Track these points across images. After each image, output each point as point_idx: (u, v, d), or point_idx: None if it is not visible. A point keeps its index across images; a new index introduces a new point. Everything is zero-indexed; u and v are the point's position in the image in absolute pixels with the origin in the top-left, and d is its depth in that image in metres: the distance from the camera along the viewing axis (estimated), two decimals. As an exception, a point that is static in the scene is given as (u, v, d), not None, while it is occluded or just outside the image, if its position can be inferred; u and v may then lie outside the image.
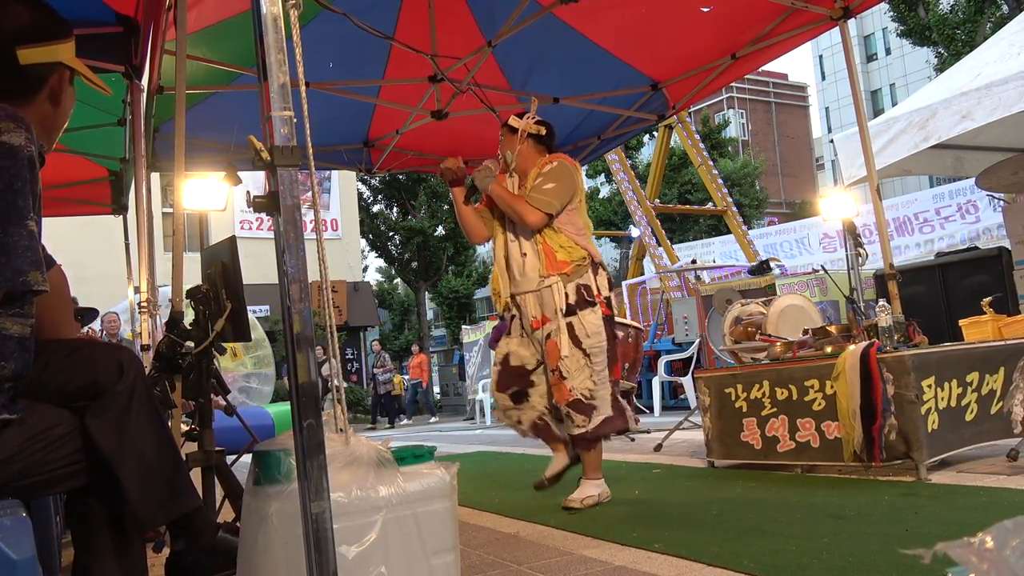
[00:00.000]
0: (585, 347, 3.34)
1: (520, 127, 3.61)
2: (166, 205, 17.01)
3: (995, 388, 3.73)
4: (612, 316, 3.48)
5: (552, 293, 3.39)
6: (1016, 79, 5.00)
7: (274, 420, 8.21)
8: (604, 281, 3.47)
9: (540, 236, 3.43)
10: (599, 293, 3.42)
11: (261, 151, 1.32)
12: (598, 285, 3.43)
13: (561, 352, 3.35)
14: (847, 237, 4.77)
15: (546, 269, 3.41)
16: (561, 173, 3.45)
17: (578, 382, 3.34)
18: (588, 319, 3.36)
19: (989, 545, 0.73)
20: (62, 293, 1.82)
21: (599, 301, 3.40)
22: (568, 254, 3.40)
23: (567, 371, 3.34)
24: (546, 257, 3.41)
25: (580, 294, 3.38)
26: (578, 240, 3.44)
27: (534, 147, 3.62)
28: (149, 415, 1.58)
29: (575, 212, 3.49)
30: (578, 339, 3.35)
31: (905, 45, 29.44)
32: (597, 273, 3.45)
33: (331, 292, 1.51)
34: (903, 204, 12.99)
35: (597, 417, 3.36)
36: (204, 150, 5.62)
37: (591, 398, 3.35)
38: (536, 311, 3.45)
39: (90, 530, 1.55)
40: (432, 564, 1.56)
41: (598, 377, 3.37)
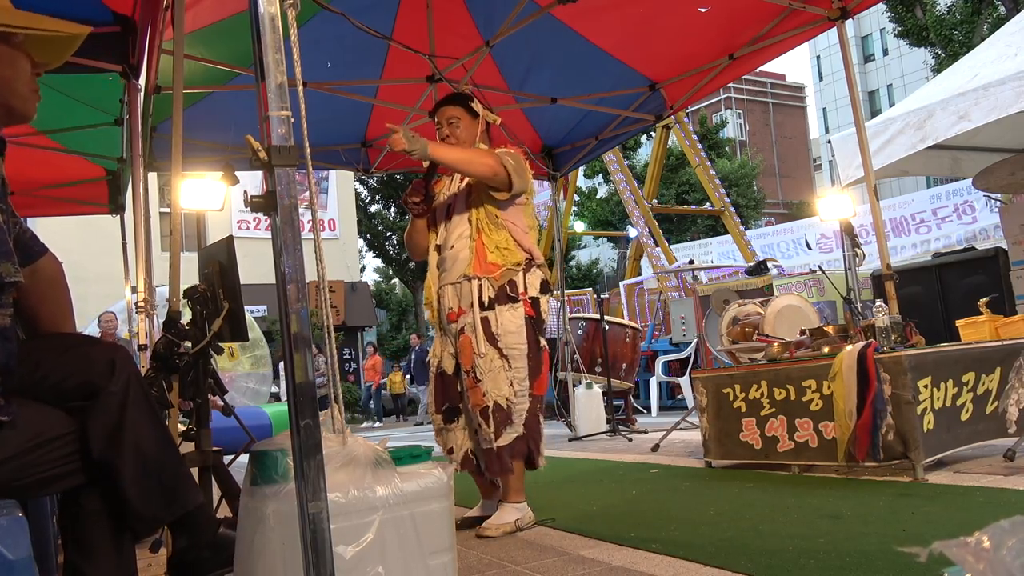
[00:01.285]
0: (501, 347, 2.99)
1: (481, 113, 3.24)
2: (163, 205, 16.99)
3: (991, 388, 3.74)
4: (537, 319, 3.08)
5: (471, 286, 3.06)
6: (1013, 80, 5.01)
7: (271, 420, 8.21)
8: (535, 280, 3.10)
9: (477, 232, 3.09)
10: (525, 291, 3.06)
11: (258, 151, 1.32)
12: (526, 283, 3.07)
13: (476, 349, 3.00)
14: (844, 237, 4.77)
15: (472, 269, 3.07)
16: (520, 160, 3.11)
17: (493, 387, 2.97)
18: (505, 316, 3.01)
19: (986, 545, 0.74)
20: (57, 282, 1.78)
21: (523, 299, 3.05)
22: (502, 256, 3.05)
23: (481, 373, 2.98)
24: (476, 257, 3.07)
25: (501, 289, 3.04)
26: (521, 240, 3.11)
27: (485, 137, 3.29)
28: (146, 414, 1.57)
29: (523, 208, 3.17)
30: (494, 337, 2.99)
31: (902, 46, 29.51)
32: (529, 270, 3.10)
33: (328, 292, 1.51)
34: (900, 204, 13.02)
35: (509, 433, 2.98)
36: (201, 150, 5.62)
37: (507, 409, 2.97)
38: (453, 303, 3.12)
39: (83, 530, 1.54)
40: (429, 564, 1.56)
41: (519, 387, 2.99)
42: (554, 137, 6.69)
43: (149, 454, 1.55)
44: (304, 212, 1.40)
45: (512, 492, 3.07)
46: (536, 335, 3.08)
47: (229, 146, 5.38)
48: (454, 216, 3.18)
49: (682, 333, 9.59)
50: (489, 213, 3.10)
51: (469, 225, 3.12)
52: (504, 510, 3.05)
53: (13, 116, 1.61)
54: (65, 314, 1.79)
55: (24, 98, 1.59)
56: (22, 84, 1.57)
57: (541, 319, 3.10)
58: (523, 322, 3.04)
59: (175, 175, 3.33)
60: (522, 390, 3.01)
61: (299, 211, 1.34)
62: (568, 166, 7.03)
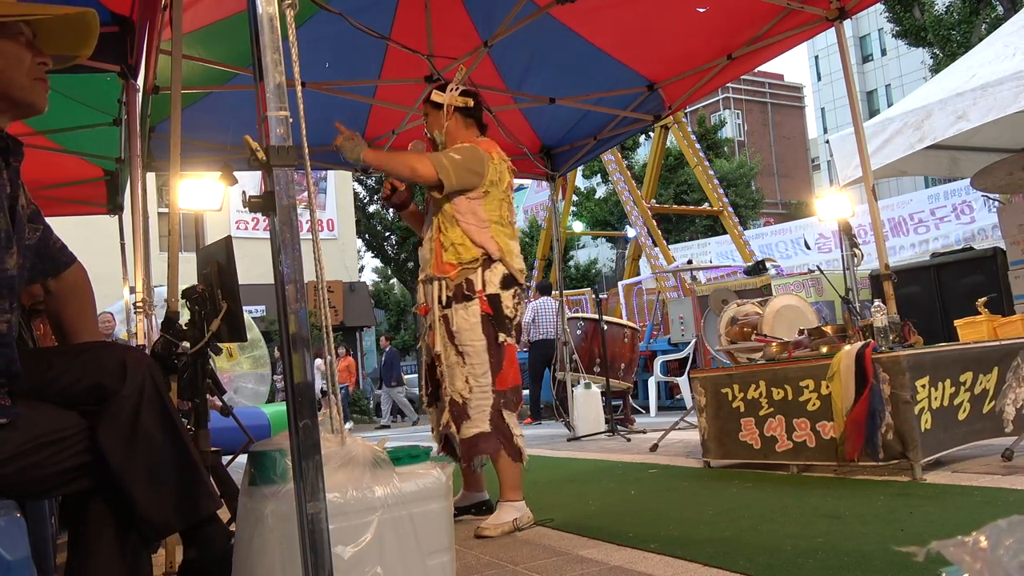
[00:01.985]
0: (457, 343, 3.06)
1: (445, 101, 3.26)
2: (162, 205, 16.98)
3: (988, 388, 3.75)
4: (496, 316, 3.09)
5: (434, 287, 3.15)
6: (1011, 80, 5.01)
7: (270, 420, 8.19)
8: (495, 276, 3.10)
9: (437, 232, 3.15)
10: (483, 288, 3.08)
11: (257, 151, 1.32)
12: (484, 280, 3.08)
13: (435, 347, 3.11)
14: (843, 237, 4.78)
15: (432, 269, 3.16)
16: (470, 154, 3.12)
17: (450, 383, 3.08)
18: (460, 314, 3.06)
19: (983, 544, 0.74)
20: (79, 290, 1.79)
21: (479, 297, 3.07)
22: (456, 255, 3.09)
23: (442, 368, 3.11)
24: (434, 257, 3.15)
25: (458, 287, 3.09)
26: (476, 236, 3.10)
27: (462, 122, 3.29)
28: (160, 417, 1.54)
29: (479, 202, 3.13)
30: (452, 334, 3.07)
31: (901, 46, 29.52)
32: (488, 267, 3.10)
33: (327, 292, 1.51)
34: (898, 204, 13.03)
35: (469, 428, 3.04)
36: (200, 150, 5.61)
37: (463, 405, 3.05)
38: (422, 298, 3.24)
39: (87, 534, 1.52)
40: (428, 564, 1.56)
41: (475, 383, 3.04)
42: (553, 137, 6.69)
43: (162, 458, 1.53)
44: (302, 212, 1.40)
45: (507, 490, 3.08)
46: (495, 331, 3.09)
47: (228, 146, 5.38)
48: (428, 214, 3.26)
49: (680, 333, 9.59)
50: (445, 212, 3.14)
51: (433, 226, 3.19)
52: (502, 509, 3.06)
53: (18, 106, 1.60)
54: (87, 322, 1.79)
55: (23, 87, 1.57)
56: (19, 73, 1.56)
57: (502, 315, 3.10)
58: (478, 320, 3.06)
59: (173, 175, 3.33)
60: (479, 386, 3.05)
61: (297, 211, 1.34)
62: (567, 166, 7.03)
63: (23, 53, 1.57)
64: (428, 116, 3.35)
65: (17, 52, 1.56)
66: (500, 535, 2.94)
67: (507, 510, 3.05)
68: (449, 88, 3.29)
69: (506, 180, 3.24)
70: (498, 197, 3.19)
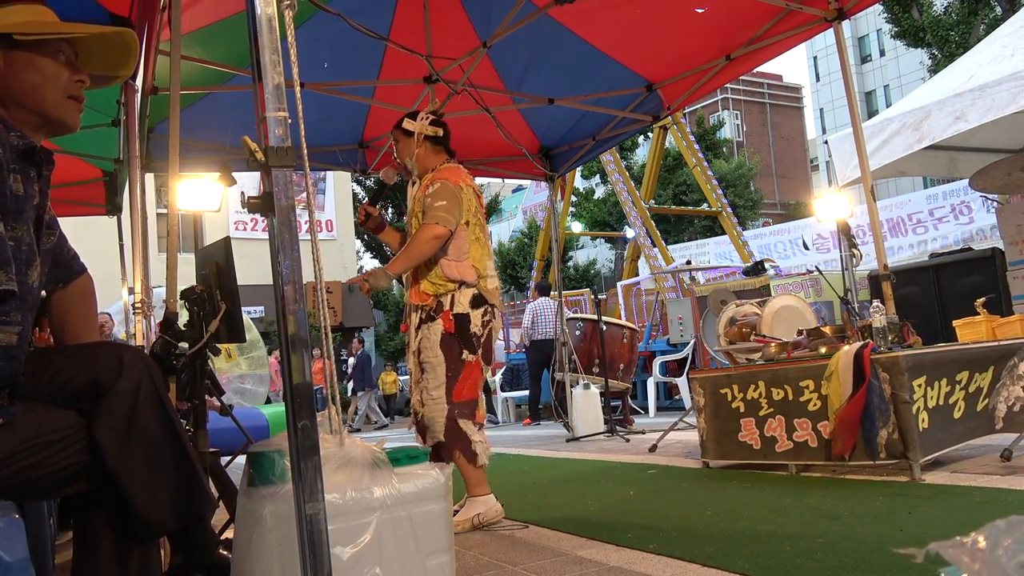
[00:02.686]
0: (422, 360, 3.27)
1: (416, 130, 3.43)
2: (160, 206, 16.98)
3: (983, 386, 3.76)
4: (460, 333, 3.23)
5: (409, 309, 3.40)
6: (1009, 81, 5.02)
7: (269, 421, 8.19)
8: (464, 298, 3.26)
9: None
10: (449, 309, 3.24)
11: (256, 152, 1.31)
12: (454, 300, 3.25)
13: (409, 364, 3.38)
14: (841, 238, 4.78)
15: (409, 297, 3.37)
16: (445, 193, 3.27)
17: (415, 396, 3.31)
18: (424, 332, 3.26)
19: (982, 545, 0.74)
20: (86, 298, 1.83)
21: (443, 317, 3.23)
22: (433, 287, 3.27)
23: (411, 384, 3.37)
24: (411, 286, 3.36)
25: (428, 310, 3.29)
26: (451, 271, 3.26)
27: (431, 149, 3.45)
28: (158, 415, 1.53)
29: (460, 234, 3.29)
30: (420, 351, 3.28)
31: (899, 46, 29.56)
32: (459, 290, 3.27)
33: (326, 293, 1.51)
34: (897, 205, 13.04)
35: (430, 439, 3.21)
36: (199, 151, 5.61)
37: (422, 418, 3.25)
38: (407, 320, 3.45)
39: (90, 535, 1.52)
40: (427, 565, 1.56)
41: (428, 396, 3.22)
42: (551, 138, 6.69)
43: (159, 457, 1.52)
44: (301, 213, 1.39)
45: (471, 487, 3.23)
46: (458, 348, 3.23)
47: (226, 147, 5.38)
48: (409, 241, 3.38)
49: (679, 333, 9.60)
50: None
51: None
52: (467, 505, 3.22)
53: (51, 124, 1.64)
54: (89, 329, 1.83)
55: (56, 104, 1.61)
56: (53, 90, 1.60)
57: (468, 332, 3.24)
58: (439, 337, 3.23)
59: (172, 176, 3.33)
60: (433, 400, 3.21)
61: (296, 212, 1.34)
62: (565, 167, 7.03)
63: (61, 71, 1.61)
64: (399, 142, 3.49)
65: (55, 70, 1.61)
66: (462, 530, 3.09)
67: (471, 506, 3.21)
68: (420, 117, 3.46)
69: (474, 203, 3.38)
70: (473, 222, 3.35)
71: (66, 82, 1.62)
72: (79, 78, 1.64)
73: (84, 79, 1.65)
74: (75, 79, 1.63)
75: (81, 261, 1.84)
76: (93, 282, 1.86)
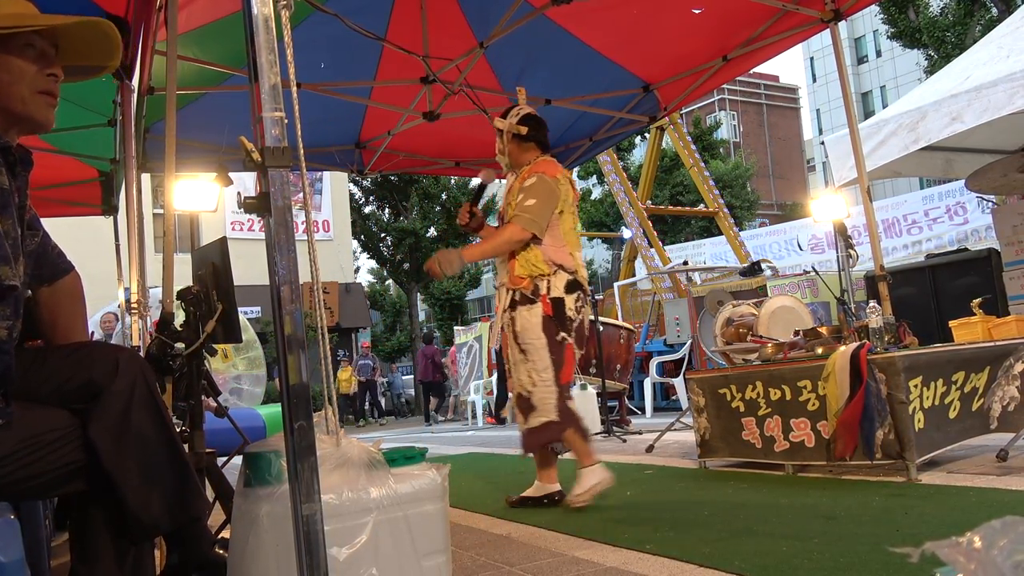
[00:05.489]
0: (520, 343, 3.37)
1: (503, 128, 3.61)
2: (157, 206, 16.95)
3: (978, 386, 3.76)
4: (557, 316, 3.37)
5: (503, 291, 3.49)
6: (1005, 82, 5.03)
7: (265, 422, 8.18)
8: (559, 282, 3.41)
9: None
10: (546, 293, 3.38)
11: (252, 152, 1.31)
12: (549, 285, 3.39)
13: (506, 346, 3.45)
14: (838, 238, 4.79)
15: (506, 279, 3.48)
16: (540, 188, 3.43)
17: (517, 378, 3.40)
18: (523, 315, 3.37)
19: (977, 545, 0.74)
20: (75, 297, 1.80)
21: (542, 300, 3.37)
22: (527, 270, 3.40)
23: (510, 365, 3.44)
24: (509, 271, 3.46)
25: (524, 292, 3.40)
26: (551, 254, 3.42)
27: (521, 146, 3.62)
28: (152, 417, 1.53)
29: (555, 223, 3.46)
30: (516, 334, 3.39)
31: (895, 47, 29.62)
32: (555, 274, 3.41)
33: (322, 293, 1.51)
34: (893, 206, 13.06)
35: (536, 418, 3.33)
36: (195, 151, 5.60)
37: (528, 397, 3.35)
38: (497, 302, 3.57)
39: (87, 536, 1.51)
40: (423, 566, 1.56)
41: (538, 377, 3.33)
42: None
43: (153, 458, 1.52)
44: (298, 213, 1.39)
45: (582, 458, 3.36)
46: (556, 330, 3.36)
47: (223, 147, 5.37)
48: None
49: (676, 334, 9.61)
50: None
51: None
52: (582, 477, 3.33)
53: (21, 122, 1.58)
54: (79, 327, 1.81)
55: (24, 100, 1.55)
56: (20, 87, 1.54)
57: (564, 316, 3.38)
58: (539, 320, 3.35)
59: (168, 176, 3.32)
60: (543, 381, 3.33)
61: (293, 212, 1.34)
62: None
63: (27, 67, 1.55)
64: (497, 140, 3.68)
65: (20, 66, 1.54)
66: (587, 500, 3.27)
67: (586, 476, 3.32)
68: (511, 114, 3.63)
69: (571, 196, 3.57)
70: (567, 211, 3.53)
71: (33, 77, 1.55)
72: (50, 72, 1.57)
73: (56, 73, 1.59)
74: (46, 73, 1.57)
75: (67, 259, 1.81)
76: (81, 279, 1.83)
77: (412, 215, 22.95)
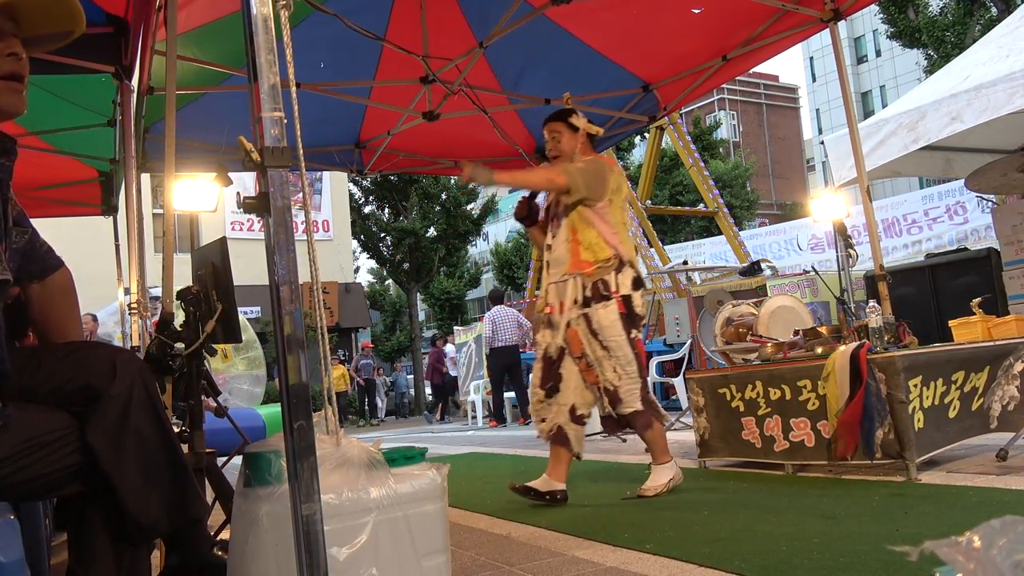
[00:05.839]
0: (601, 339, 3.45)
1: (581, 127, 3.70)
2: (156, 206, 16.94)
3: (978, 386, 3.76)
4: (629, 314, 3.49)
5: (569, 286, 3.53)
6: (1005, 81, 5.03)
7: (265, 422, 8.18)
8: (626, 280, 3.51)
9: (572, 234, 3.54)
10: (616, 290, 3.48)
11: (251, 152, 1.31)
12: (617, 282, 3.49)
13: (582, 341, 3.49)
14: (837, 238, 4.79)
15: (569, 267, 3.54)
16: (593, 163, 3.58)
17: (601, 373, 3.46)
18: (600, 313, 3.45)
19: (976, 544, 0.74)
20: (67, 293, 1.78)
21: (615, 297, 3.46)
22: (593, 253, 3.50)
23: (591, 360, 3.49)
24: (572, 256, 3.53)
25: (596, 288, 3.48)
26: (608, 238, 3.52)
27: (587, 145, 3.73)
28: (150, 419, 1.53)
29: (606, 209, 3.55)
30: (594, 331, 3.46)
31: (895, 47, 29.60)
32: (620, 271, 3.51)
33: (322, 293, 1.51)
34: (892, 205, 13.05)
35: (624, 409, 3.46)
36: (195, 151, 5.60)
37: (615, 391, 3.45)
38: (554, 299, 3.60)
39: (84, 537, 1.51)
40: (423, 565, 1.56)
41: (623, 371, 3.44)
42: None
43: (151, 460, 1.51)
44: (297, 213, 1.39)
45: (659, 455, 3.52)
46: (629, 327, 3.49)
47: (222, 147, 5.37)
48: (558, 221, 3.64)
49: (676, 334, 9.59)
50: (582, 215, 3.54)
51: (567, 228, 3.58)
52: (657, 472, 3.50)
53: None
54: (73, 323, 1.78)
55: None
56: None
57: (634, 314, 3.51)
58: (617, 317, 3.46)
59: (168, 176, 3.32)
60: (627, 374, 3.45)
61: (292, 212, 1.34)
62: (562, 167, 7.02)
63: None
64: (561, 134, 3.69)
65: None
66: (659, 494, 3.42)
67: (662, 472, 3.49)
68: (575, 115, 3.73)
69: (624, 190, 3.68)
70: (619, 205, 3.63)
71: None
72: (11, 51, 1.47)
73: (16, 52, 1.48)
74: (5, 54, 1.46)
75: (56, 255, 1.77)
76: (71, 275, 1.80)
77: (412, 215, 22.94)
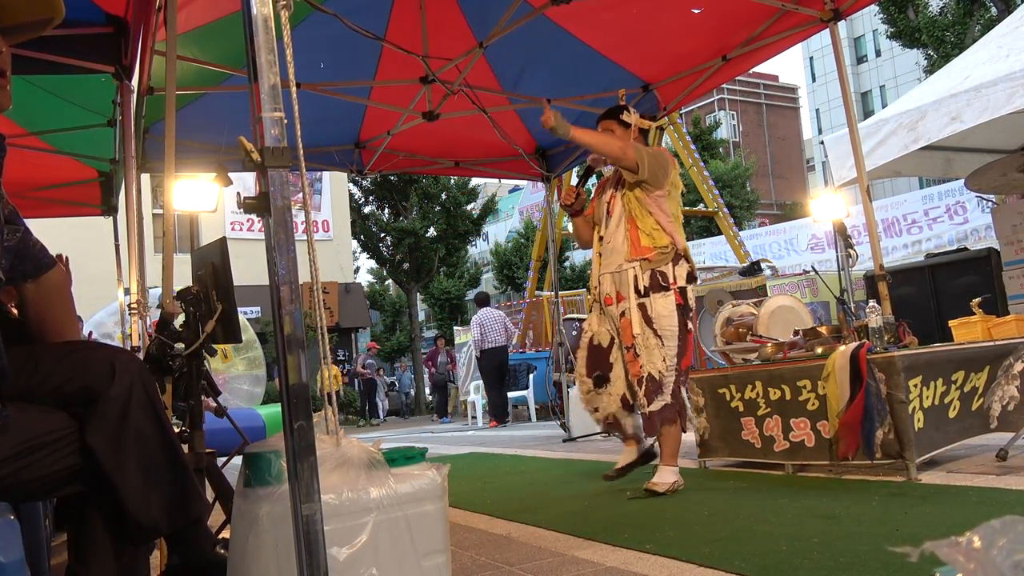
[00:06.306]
0: (656, 328, 3.49)
1: (633, 123, 3.75)
2: (156, 206, 16.94)
3: (978, 386, 3.76)
4: (685, 306, 3.55)
5: (628, 275, 3.57)
6: (1005, 81, 5.03)
7: (265, 422, 8.17)
8: (682, 272, 3.58)
9: (631, 221, 3.59)
10: (674, 281, 3.53)
11: (251, 152, 1.31)
12: (675, 274, 3.55)
13: (633, 330, 3.52)
14: (837, 238, 4.79)
15: (630, 255, 3.58)
16: (660, 155, 3.65)
17: (648, 361, 3.50)
18: (659, 302, 3.50)
19: (976, 545, 0.74)
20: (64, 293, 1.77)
21: (673, 288, 3.52)
22: (652, 240, 3.55)
23: (639, 349, 3.52)
24: (631, 244, 3.58)
25: (655, 278, 3.52)
26: (666, 226, 3.58)
27: (639, 140, 3.77)
28: (150, 420, 1.52)
29: (664, 199, 3.61)
30: (650, 319, 3.50)
31: (895, 47, 29.60)
32: (677, 263, 3.57)
33: (322, 293, 1.50)
34: (892, 205, 13.06)
35: (659, 401, 3.48)
36: (195, 151, 5.60)
37: (659, 380, 3.48)
38: (611, 289, 3.65)
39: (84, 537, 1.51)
40: (423, 565, 1.56)
41: (670, 362, 3.48)
42: (548, 138, 6.69)
43: (151, 461, 1.51)
44: (297, 213, 1.39)
45: (669, 457, 3.54)
46: (685, 320, 3.55)
47: (222, 147, 5.37)
48: (613, 212, 3.71)
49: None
50: (641, 202, 3.60)
51: (624, 218, 3.63)
52: (662, 471, 3.52)
53: None
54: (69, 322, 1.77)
55: None
56: None
57: (688, 306, 3.59)
58: (674, 308, 3.51)
59: (168, 176, 3.32)
60: (671, 366, 3.49)
61: (292, 212, 1.34)
62: (562, 167, 7.03)
63: None
64: (612, 131, 3.76)
65: None
66: (663, 491, 3.43)
67: (669, 473, 3.51)
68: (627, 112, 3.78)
69: (680, 187, 3.74)
70: (676, 199, 3.70)
71: None
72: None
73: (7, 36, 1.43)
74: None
75: (50, 253, 1.74)
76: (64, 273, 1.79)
77: (412, 215, 22.92)
